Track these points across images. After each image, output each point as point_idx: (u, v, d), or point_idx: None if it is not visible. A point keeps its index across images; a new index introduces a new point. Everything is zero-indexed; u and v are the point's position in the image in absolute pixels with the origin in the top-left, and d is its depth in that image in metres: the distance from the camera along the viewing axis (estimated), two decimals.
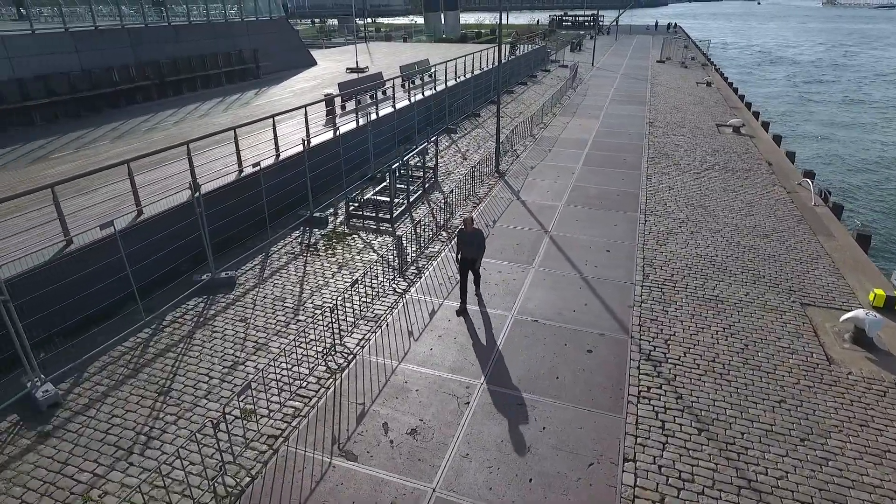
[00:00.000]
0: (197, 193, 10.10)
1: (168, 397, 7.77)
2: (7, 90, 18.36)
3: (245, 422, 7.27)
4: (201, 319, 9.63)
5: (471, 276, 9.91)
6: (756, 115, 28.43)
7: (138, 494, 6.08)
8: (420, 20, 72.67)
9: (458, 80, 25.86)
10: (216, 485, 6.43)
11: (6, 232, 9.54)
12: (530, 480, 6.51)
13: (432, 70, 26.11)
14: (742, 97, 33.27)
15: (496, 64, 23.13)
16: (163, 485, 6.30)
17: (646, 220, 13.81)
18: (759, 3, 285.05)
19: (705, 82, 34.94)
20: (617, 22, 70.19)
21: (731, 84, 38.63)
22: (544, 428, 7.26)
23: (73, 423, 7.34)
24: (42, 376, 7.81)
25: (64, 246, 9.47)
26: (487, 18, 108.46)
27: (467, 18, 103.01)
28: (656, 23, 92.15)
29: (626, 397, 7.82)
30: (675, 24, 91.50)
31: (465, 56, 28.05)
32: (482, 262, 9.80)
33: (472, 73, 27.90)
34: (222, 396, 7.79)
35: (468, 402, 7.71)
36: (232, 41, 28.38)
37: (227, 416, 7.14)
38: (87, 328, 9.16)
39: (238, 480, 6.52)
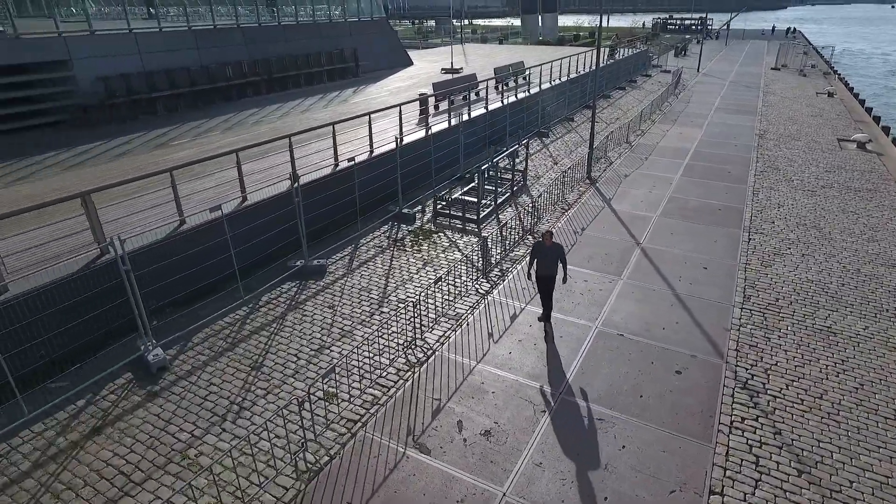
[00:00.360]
0: (296, 184, 10.75)
1: (260, 372, 8.35)
2: (137, 82, 20.56)
3: (327, 404, 7.65)
4: (293, 303, 10.25)
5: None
6: (886, 130, 25.63)
7: (228, 459, 6.60)
8: (517, 22, 72.53)
9: (552, 83, 25.54)
10: (298, 460, 6.82)
11: (132, 209, 10.67)
12: (605, 499, 6.33)
13: (527, 72, 25.98)
14: (870, 110, 30.11)
15: (593, 67, 22.63)
16: (250, 453, 6.79)
17: (750, 239, 12.91)
18: (892, 7, 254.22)
19: (826, 92, 32.02)
20: (728, 26, 66.09)
21: (856, 95, 35.12)
22: (624, 447, 7.02)
23: (177, 386, 8.09)
24: (154, 341, 8.68)
25: (178, 225, 10.44)
26: (587, 21, 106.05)
27: (566, 21, 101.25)
28: (773, 27, 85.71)
29: (716, 426, 7.37)
30: (795, 28, 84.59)
31: (561, 59, 27.64)
32: (568, 271, 9.51)
33: (568, 76, 27.44)
34: (308, 377, 8.24)
35: (545, 411, 7.62)
36: (335, 41, 29.88)
37: (312, 397, 7.57)
38: (193, 301, 10.04)
39: (318, 458, 6.87)
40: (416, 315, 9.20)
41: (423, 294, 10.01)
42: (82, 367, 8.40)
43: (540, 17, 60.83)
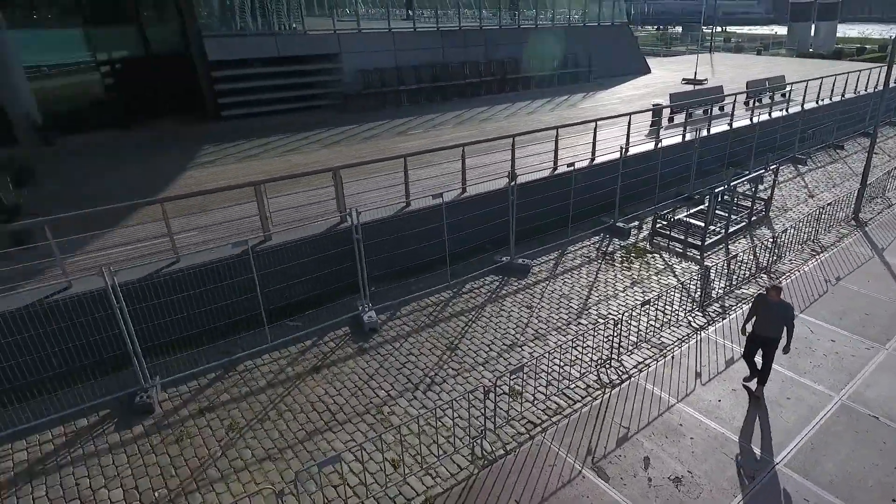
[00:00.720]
0: (513, 183, 11.19)
1: (454, 354, 8.95)
2: (389, 76, 23.54)
3: (511, 399, 7.85)
4: (493, 296, 10.72)
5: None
6: None
7: (415, 424, 7.22)
8: (783, 30, 64.09)
9: (819, 102, 22.02)
10: (475, 444, 7.15)
11: (369, 187, 12.27)
12: None
13: (788, 89, 22.85)
14: None
15: (880, 87, 18.82)
16: (434, 425, 7.33)
17: None
18: None
19: None
20: None
21: None
22: None
23: (383, 348, 9.12)
24: (370, 305, 9.92)
25: (404, 206, 11.73)
26: (876, 31, 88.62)
27: (847, 31, 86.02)
28: None
29: None
30: None
31: (835, 75, 23.64)
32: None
33: (842, 96, 23.37)
34: (497, 369, 8.57)
35: (753, 476, 6.70)
36: (571, 44, 30.10)
37: (498, 389, 7.83)
38: (406, 276, 11.17)
39: (493, 449, 7.11)
40: (615, 334, 8.86)
41: (626, 314, 9.58)
42: (313, 313, 10.01)
43: (813, 26, 52.75)
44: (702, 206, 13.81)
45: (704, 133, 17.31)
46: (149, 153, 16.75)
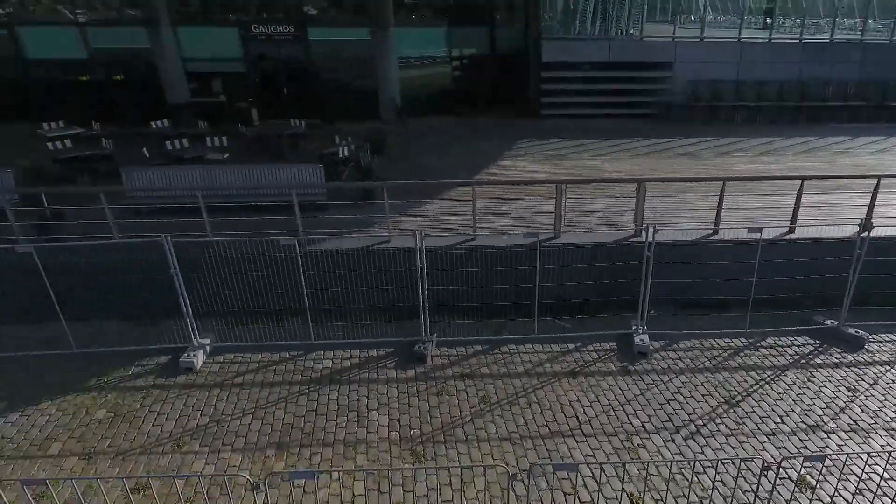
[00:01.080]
0: (865, 233, 9.15)
1: (732, 410, 7.85)
2: (724, 90, 21.72)
3: (797, 490, 6.52)
4: (802, 362, 8.98)
5: None
6: None
7: (666, 468, 6.62)
8: None
9: None
10: None
11: (671, 205, 11.51)
12: None
13: None
14: None
15: None
16: (688, 479, 6.61)
17: None
18: None
19: None
20: None
21: None
22: None
23: (648, 377, 8.60)
24: (644, 328, 9.44)
25: (709, 234, 10.77)
26: None
27: None
28: None
29: None
30: None
31: None
32: None
33: None
34: (785, 448, 7.21)
35: None
36: None
37: (781, 470, 6.60)
38: (692, 307, 10.18)
39: None
40: None
41: None
42: (582, 319, 10.02)
43: None
44: None
45: None
46: (474, 140, 19.08)
